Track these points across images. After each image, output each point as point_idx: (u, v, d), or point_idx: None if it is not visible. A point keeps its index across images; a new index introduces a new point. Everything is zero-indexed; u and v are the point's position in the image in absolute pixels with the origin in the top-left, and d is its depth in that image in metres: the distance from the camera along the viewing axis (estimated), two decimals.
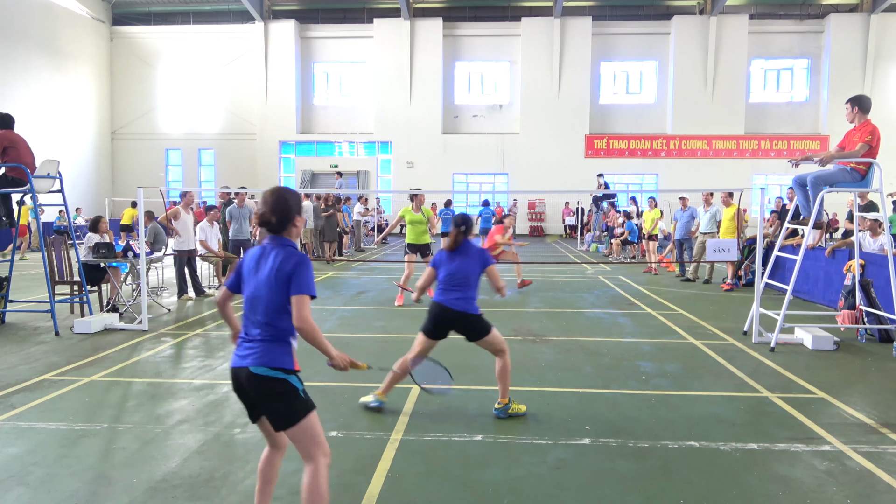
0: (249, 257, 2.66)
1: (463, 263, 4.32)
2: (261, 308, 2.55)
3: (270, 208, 2.59)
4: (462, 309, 4.25)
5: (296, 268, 2.51)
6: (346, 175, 25.67)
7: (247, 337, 2.59)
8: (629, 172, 28.02)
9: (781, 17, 27.73)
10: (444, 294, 4.29)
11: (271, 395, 2.51)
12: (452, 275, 4.31)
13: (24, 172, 7.13)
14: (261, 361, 2.49)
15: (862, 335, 6.98)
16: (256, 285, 2.57)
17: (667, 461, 3.68)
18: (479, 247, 4.46)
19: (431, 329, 4.32)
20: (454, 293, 4.27)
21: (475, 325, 4.31)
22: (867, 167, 6.29)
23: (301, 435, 2.52)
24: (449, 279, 4.31)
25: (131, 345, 6.56)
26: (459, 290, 4.27)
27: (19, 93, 23.33)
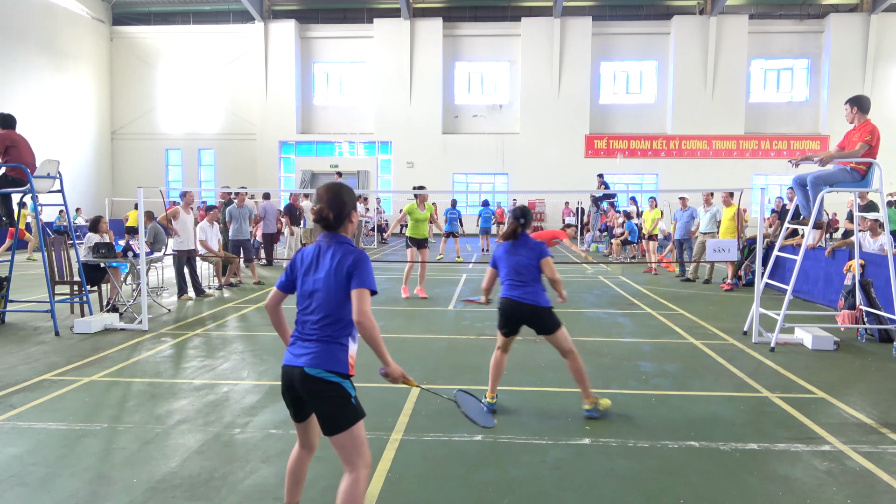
0: (305, 255, 2.60)
1: (526, 256, 4.32)
2: (319, 306, 2.48)
3: (328, 204, 2.53)
4: (533, 302, 4.27)
5: (356, 263, 2.46)
6: (346, 175, 25.67)
7: (301, 335, 2.52)
8: (629, 172, 28.02)
9: (781, 17, 27.73)
10: (513, 289, 4.31)
11: (323, 397, 2.45)
12: (517, 269, 4.32)
13: (25, 172, 7.13)
14: (316, 363, 2.43)
15: (862, 335, 6.98)
16: (314, 283, 2.51)
17: (667, 461, 3.67)
18: (536, 239, 4.47)
19: (505, 326, 4.39)
20: (522, 287, 4.29)
21: (547, 319, 4.32)
22: (867, 167, 6.29)
23: (346, 442, 2.45)
24: (514, 274, 4.32)
25: (131, 345, 6.56)
26: (527, 284, 4.29)
27: (19, 93, 23.33)
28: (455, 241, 15.99)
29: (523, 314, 4.28)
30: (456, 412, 4.50)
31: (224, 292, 10.40)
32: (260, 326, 7.59)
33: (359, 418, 2.48)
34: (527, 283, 4.30)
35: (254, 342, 6.72)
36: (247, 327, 7.56)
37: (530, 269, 4.31)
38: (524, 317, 4.30)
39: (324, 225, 2.56)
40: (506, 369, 5.64)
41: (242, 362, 5.89)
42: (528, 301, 4.26)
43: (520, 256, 4.33)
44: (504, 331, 4.42)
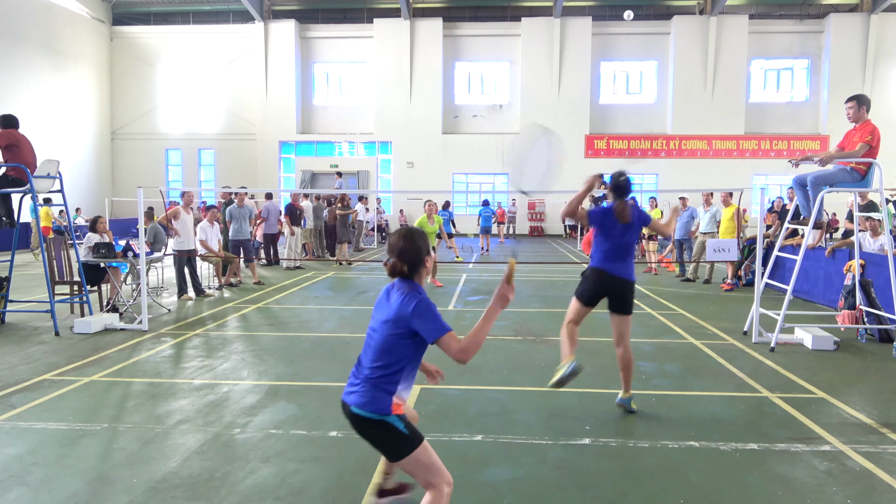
0: (382, 293, 2.64)
1: (633, 234, 4.41)
2: (371, 348, 2.54)
3: (400, 258, 2.53)
4: (627, 276, 4.35)
5: (418, 311, 2.44)
6: (346, 175, 25.67)
7: (358, 372, 2.59)
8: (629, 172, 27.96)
9: (781, 17, 27.72)
10: (611, 262, 4.34)
11: (371, 434, 2.56)
12: (622, 245, 4.36)
13: (24, 172, 7.13)
14: (361, 403, 2.51)
15: (862, 335, 6.98)
16: (373, 325, 2.58)
17: (667, 461, 3.68)
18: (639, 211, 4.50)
19: (589, 296, 4.41)
20: (622, 261, 4.36)
21: (630, 295, 4.39)
22: (867, 167, 6.29)
23: (412, 467, 2.51)
24: (617, 248, 4.35)
25: (131, 345, 6.56)
26: (627, 259, 4.38)
27: (19, 93, 23.33)
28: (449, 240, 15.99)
29: (614, 287, 4.33)
30: (456, 412, 4.51)
31: (224, 292, 10.40)
32: (260, 326, 7.59)
33: (415, 446, 2.51)
34: (627, 257, 4.38)
35: (254, 342, 6.72)
36: (247, 327, 7.56)
37: (632, 245, 4.42)
38: (613, 289, 4.34)
39: (398, 276, 2.56)
40: (505, 369, 5.66)
41: (242, 362, 5.89)
42: (624, 276, 4.33)
43: (630, 235, 4.38)
44: (585, 301, 4.43)
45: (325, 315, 8.33)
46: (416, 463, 2.50)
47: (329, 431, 4.11)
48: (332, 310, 8.75)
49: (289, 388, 5.08)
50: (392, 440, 2.52)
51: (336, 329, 7.45)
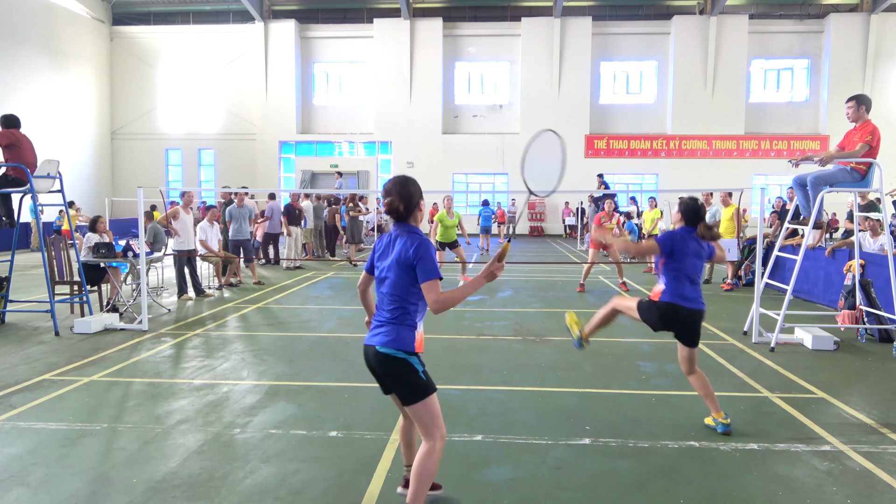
0: (380, 243, 2.88)
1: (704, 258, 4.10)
2: (389, 291, 2.75)
3: (398, 196, 2.76)
4: (703, 307, 4.07)
5: (418, 254, 2.66)
6: (345, 175, 25.66)
7: (379, 317, 2.82)
8: (629, 172, 28.01)
9: (781, 17, 27.72)
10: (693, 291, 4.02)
11: (395, 373, 2.74)
12: (698, 269, 4.06)
13: (24, 172, 7.13)
14: (386, 342, 2.72)
15: (862, 335, 6.98)
16: (386, 269, 2.77)
17: (667, 461, 3.68)
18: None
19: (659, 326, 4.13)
20: (698, 289, 4.06)
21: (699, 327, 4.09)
22: (867, 167, 6.29)
23: (421, 413, 2.72)
24: (696, 273, 4.04)
25: (131, 345, 6.56)
26: (699, 286, 4.09)
27: (19, 93, 23.32)
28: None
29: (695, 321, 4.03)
30: (456, 412, 4.51)
31: (224, 292, 10.40)
32: (260, 326, 7.59)
33: (429, 392, 2.74)
34: (699, 285, 4.06)
35: (254, 342, 6.72)
36: (247, 327, 7.56)
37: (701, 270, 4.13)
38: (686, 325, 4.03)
39: (395, 217, 2.79)
40: (505, 369, 5.65)
41: (242, 362, 5.89)
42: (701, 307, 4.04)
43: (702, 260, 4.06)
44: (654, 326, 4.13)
45: (325, 315, 8.32)
46: (426, 410, 2.72)
47: (329, 431, 4.11)
48: (332, 310, 8.75)
49: (289, 388, 5.08)
50: (412, 381, 2.72)
51: (336, 329, 7.45)
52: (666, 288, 4.04)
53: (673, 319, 4.02)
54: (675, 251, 4.01)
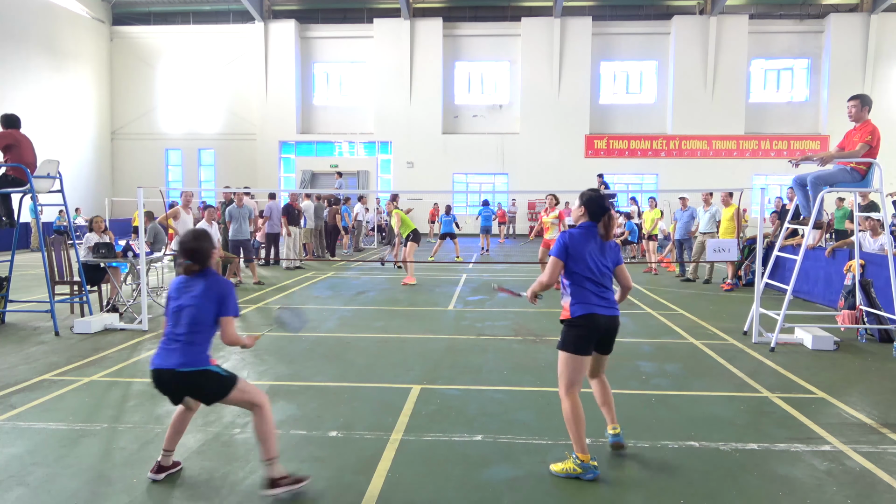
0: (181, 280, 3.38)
1: (608, 256, 3.61)
2: (183, 320, 3.27)
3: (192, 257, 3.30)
4: (617, 313, 3.63)
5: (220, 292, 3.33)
6: (346, 175, 25.66)
7: (169, 341, 3.33)
8: (629, 172, 28.02)
9: (781, 17, 27.72)
10: (603, 293, 3.56)
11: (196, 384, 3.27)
12: (605, 273, 3.58)
13: (24, 172, 7.13)
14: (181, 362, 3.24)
15: (862, 335, 6.98)
16: (181, 303, 3.30)
17: (667, 461, 3.67)
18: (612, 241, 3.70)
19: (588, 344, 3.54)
20: (609, 295, 3.60)
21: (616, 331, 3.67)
22: (867, 167, 6.29)
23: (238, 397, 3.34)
24: (600, 274, 3.55)
25: (131, 345, 6.56)
26: (610, 291, 3.62)
27: (19, 93, 23.32)
28: (455, 242, 16.01)
29: (611, 330, 3.58)
30: (456, 412, 4.51)
31: None
32: (260, 326, 7.59)
33: (234, 383, 3.27)
34: (610, 289, 3.61)
35: None
36: (247, 327, 7.56)
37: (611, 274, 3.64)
38: (612, 332, 3.60)
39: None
40: (505, 369, 5.65)
41: (242, 362, 5.89)
42: (617, 313, 3.61)
43: (608, 257, 3.59)
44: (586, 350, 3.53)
45: (324, 315, 8.32)
46: (240, 393, 3.26)
47: (329, 431, 4.11)
48: (332, 310, 8.74)
49: (289, 388, 5.08)
50: (217, 383, 3.23)
51: (336, 329, 7.45)
52: (572, 299, 3.54)
53: (595, 330, 3.50)
54: (571, 253, 3.51)
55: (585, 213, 3.60)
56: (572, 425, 3.45)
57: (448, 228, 16.04)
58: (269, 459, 3.23)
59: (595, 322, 3.48)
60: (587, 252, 3.51)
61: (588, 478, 3.38)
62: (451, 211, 16.38)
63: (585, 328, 3.48)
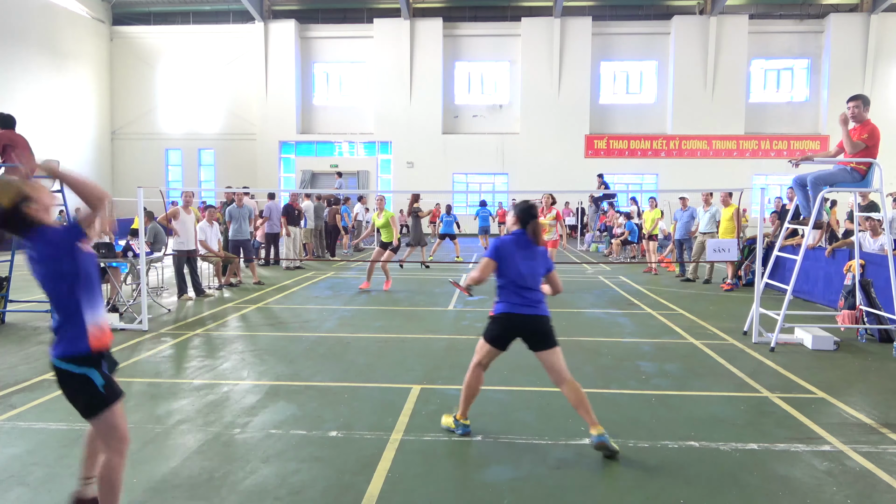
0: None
1: (538, 261, 3.87)
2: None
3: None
4: (544, 313, 3.84)
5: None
6: (345, 175, 25.66)
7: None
8: (629, 172, 28.02)
9: (781, 17, 27.72)
10: (527, 295, 3.80)
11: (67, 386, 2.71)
12: (533, 276, 3.83)
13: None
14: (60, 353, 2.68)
15: (862, 335, 6.98)
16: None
17: (667, 461, 3.67)
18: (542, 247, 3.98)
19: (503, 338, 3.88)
20: (535, 296, 3.83)
21: (551, 331, 3.87)
22: (867, 167, 6.29)
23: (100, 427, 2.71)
24: (527, 277, 3.80)
25: (131, 345, 6.56)
26: (537, 291, 3.85)
27: (19, 93, 23.32)
28: (455, 242, 16.00)
29: (529, 327, 3.82)
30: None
31: (224, 292, 10.40)
32: (260, 326, 7.59)
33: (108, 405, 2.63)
34: (536, 291, 3.85)
35: (254, 342, 6.72)
36: (247, 327, 7.56)
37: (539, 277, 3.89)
38: (532, 328, 3.83)
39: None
40: (505, 369, 5.65)
41: (242, 362, 5.89)
42: (539, 313, 3.81)
43: (535, 261, 3.84)
44: (497, 343, 3.90)
45: (325, 315, 8.32)
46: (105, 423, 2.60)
47: (329, 431, 4.11)
48: (332, 310, 8.75)
49: (289, 388, 5.08)
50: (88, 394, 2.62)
51: (336, 329, 7.45)
52: (497, 298, 3.88)
53: (511, 329, 3.79)
54: (502, 257, 3.80)
55: (517, 221, 3.92)
56: (464, 391, 4.03)
57: (448, 229, 16.03)
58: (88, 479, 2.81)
59: (511, 321, 3.81)
60: (517, 256, 3.81)
61: (458, 433, 4.01)
62: (451, 211, 16.38)
63: (501, 325, 3.84)
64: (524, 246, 3.84)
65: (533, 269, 3.83)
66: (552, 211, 10.73)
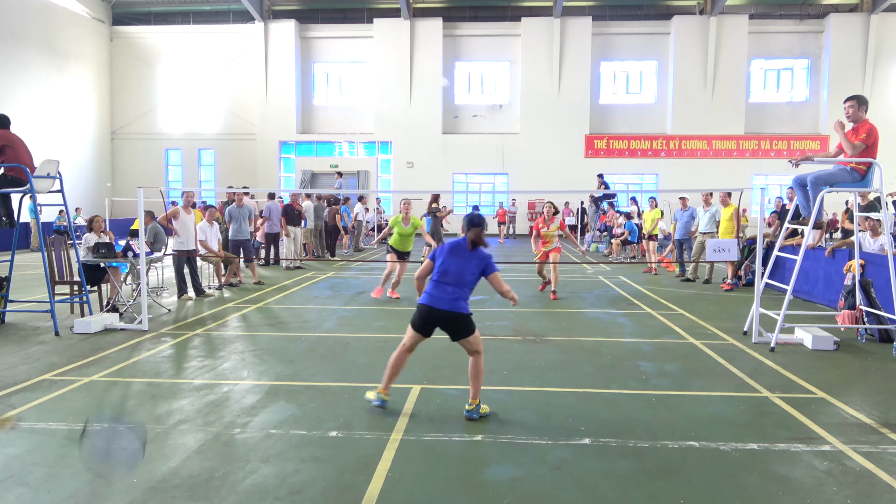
0: None
1: (472, 263, 4.36)
2: None
3: None
4: (460, 310, 4.31)
5: None
6: (346, 175, 25.66)
7: None
8: (629, 172, 28.02)
9: (781, 17, 27.73)
10: (444, 291, 4.32)
11: None
12: (461, 276, 4.33)
13: (24, 172, 7.13)
14: None
15: (862, 335, 6.98)
16: None
17: (667, 461, 3.67)
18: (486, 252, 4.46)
19: (423, 326, 4.41)
20: (455, 293, 4.30)
21: (467, 326, 4.35)
22: (867, 167, 6.29)
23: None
24: (450, 275, 4.33)
25: (131, 345, 6.56)
26: (458, 289, 4.31)
27: (19, 93, 23.32)
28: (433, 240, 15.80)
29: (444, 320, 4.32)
30: (456, 412, 4.51)
31: (224, 292, 10.40)
32: (260, 326, 7.59)
33: None
34: (460, 289, 4.33)
35: (254, 342, 6.72)
36: (247, 327, 7.56)
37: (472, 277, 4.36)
38: (440, 320, 4.33)
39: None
40: (505, 369, 5.66)
41: (242, 362, 5.89)
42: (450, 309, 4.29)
43: (468, 264, 4.35)
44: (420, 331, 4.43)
45: (325, 315, 8.32)
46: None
47: (329, 431, 4.11)
48: (332, 310, 8.75)
49: (289, 388, 5.09)
50: None
51: (336, 329, 7.45)
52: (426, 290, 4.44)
53: (427, 318, 4.34)
54: (436, 257, 4.44)
55: (463, 228, 4.47)
56: (388, 369, 4.51)
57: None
58: None
59: (425, 311, 4.34)
60: (452, 258, 4.37)
61: (375, 404, 4.47)
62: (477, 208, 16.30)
63: (419, 314, 4.39)
64: (459, 250, 4.39)
65: (461, 269, 4.32)
66: (555, 221, 10.29)
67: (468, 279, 4.34)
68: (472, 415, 4.35)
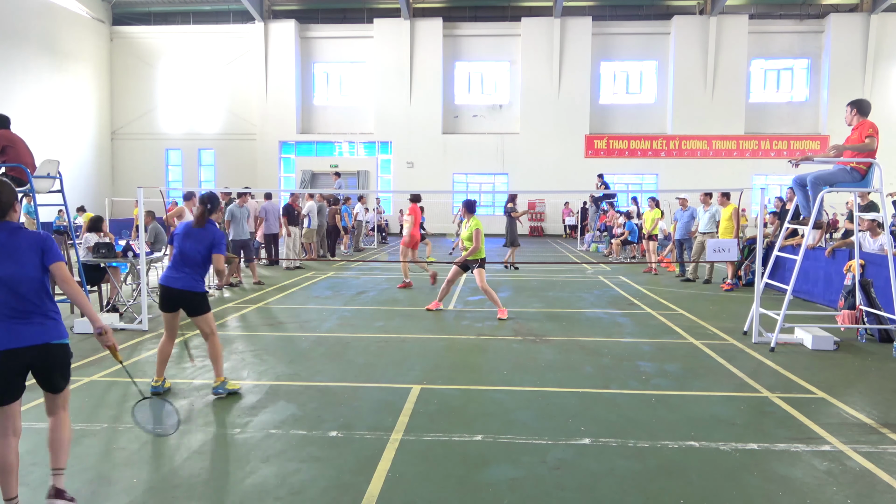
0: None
1: (202, 244, 4.72)
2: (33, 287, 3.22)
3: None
4: (190, 287, 4.67)
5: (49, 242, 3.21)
6: (345, 175, 25.65)
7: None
8: (629, 172, 28.02)
9: (781, 17, 27.72)
10: (178, 272, 4.69)
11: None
12: (191, 256, 4.70)
13: (24, 172, 7.13)
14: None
15: (862, 335, 6.98)
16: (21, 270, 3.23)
17: (667, 461, 3.68)
18: (216, 229, 4.85)
19: (164, 305, 4.75)
20: (185, 272, 4.67)
21: (200, 304, 4.73)
22: (867, 167, 6.29)
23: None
24: (184, 257, 4.70)
25: (131, 345, 6.56)
26: (191, 269, 4.69)
27: (19, 93, 23.32)
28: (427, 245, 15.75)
29: (175, 297, 4.67)
30: (456, 412, 4.51)
31: (224, 292, 10.40)
32: (260, 326, 7.59)
33: None
34: (191, 268, 4.69)
35: (254, 342, 6.72)
36: (247, 327, 7.56)
37: (199, 256, 4.71)
38: (173, 299, 4.68)
39: None
40: (505, 369, 5.66)
41: (242, 362, 5.89)
42: (179, 286, 4.65)
43: (195, 242, 4.71)
44: (165, 309, 4.77)
45: (325, 315, 8.33)
46: None
47: (329, 431, 4.11)
48: (332, 310, 8.75)
49: (289, 388, 5.09)
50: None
51: (336, 329, 7.45)
52: None
53: (166, 297, 4.69)
54: (175, 237, 4.84)
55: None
56: (157, 356, 4.86)
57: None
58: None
59: (162, 289, 4.71)
60: (185, 239, 4.74)
61: (150, 391, 4.70)
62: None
63: (160, 294, 4.74)
64: (190, 231, 4.77)
65: (193, 249, 4.69)
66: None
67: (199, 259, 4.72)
68: (218, 391, 4.74)
